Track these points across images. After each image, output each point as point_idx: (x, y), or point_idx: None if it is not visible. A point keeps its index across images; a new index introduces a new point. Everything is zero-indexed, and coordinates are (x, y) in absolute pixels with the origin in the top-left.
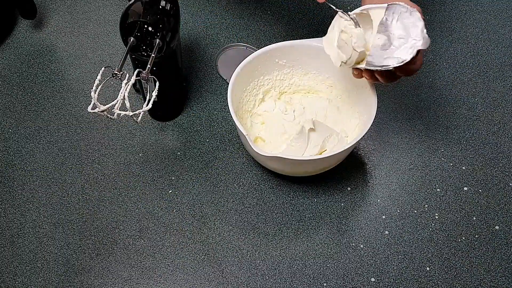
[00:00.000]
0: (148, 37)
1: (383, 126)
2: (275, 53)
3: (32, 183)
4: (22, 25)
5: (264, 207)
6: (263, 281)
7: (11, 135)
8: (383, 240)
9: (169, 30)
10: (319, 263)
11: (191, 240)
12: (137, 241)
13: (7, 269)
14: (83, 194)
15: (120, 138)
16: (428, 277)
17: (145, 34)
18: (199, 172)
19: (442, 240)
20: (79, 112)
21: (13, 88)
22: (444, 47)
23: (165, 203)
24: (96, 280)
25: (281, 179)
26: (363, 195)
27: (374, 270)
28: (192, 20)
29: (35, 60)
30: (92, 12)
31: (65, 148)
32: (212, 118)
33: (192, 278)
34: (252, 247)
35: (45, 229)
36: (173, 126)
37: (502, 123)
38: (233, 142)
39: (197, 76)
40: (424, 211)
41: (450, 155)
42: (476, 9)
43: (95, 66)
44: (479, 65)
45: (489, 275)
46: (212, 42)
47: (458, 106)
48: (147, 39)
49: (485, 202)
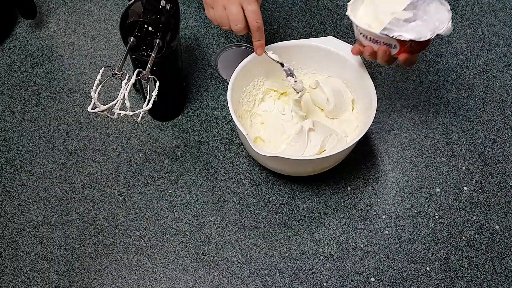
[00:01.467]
0: (148, 37)
1: (383, 126)
2: (275, 53)
3: (32, 183)
4: (22, 25)
5: (264, 207)
6: (263, 281)
7: (11, 135)
8: (383, 240)
9: (169, 30)
10: (319, 263)
11: (191, 240)
12: (137, 241)
13: (7, 269)
14: (83, 194)
15: (120, 138)
16: (428, 277)
17: (145, 34)
18: (199, 172)
19: (442, 240)
20: (79, 112)
21: (13, 88)
22: (444, 47)
23: (165, 203)
24: (96, 280)
25: (281, 179)
26: (363, 195)
27: (374, 270)
28: (192, 20)
29: (35, 60)
30: (92, 12)
31: (65, 148)
32: (212, 118)
33: (192, 278)
34: (252, 247)
35: (45, 229)
36: (173, 126)
37: (502, 123)
38: (233, 142)
39: (197, 76)
40: (424, 211)
41: (450, 155)
42: (476, 9)
43: (95, 66)
44: (479, 65)
45: (489, 275)
46: (212, 42)
47: (458, 106)
48: (147, 39)
49: (485, 202)
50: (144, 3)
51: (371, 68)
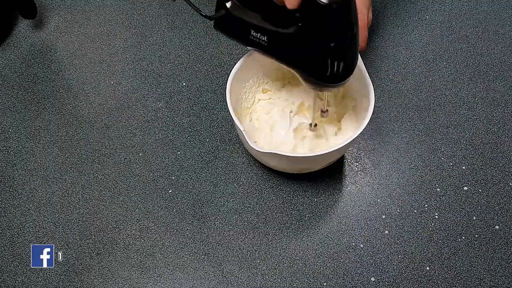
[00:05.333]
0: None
1: (383, 126)
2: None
3: (32, 183)
4: (22, 25)
5: (264, 207)
6: (263, 281)
7: (11, 135)
8: (383, 239)
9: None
10: (319, 263)
11: (191, 240)
12: (137, 241)
13: (7, 269)
14: (83, 194)
15: (120, 138)
16: (428, 277)
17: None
18: (199, 172)
19: (442, 240)
20: (79, 112)
21: (13, 88)
22: (444, 47)
23: (165, 203)
24: (96, 280)
25: (281, 179)
26: (363, 195)
27: (374, 270)
28: (192, 20)
29: (35, 60)
30: (92, 12)
31: (65, 148)
32: (212, 118)
33: (192, 278)
34: (252, 247)
35: (45, 229)
36: (173, 126)
37: (502, 123)
38: (233, 142)
39: (196, 76)
40: (424, 211)
41: (450, 155)
42: (476, 9)
43: (95, 66)
44: (479, 65)
45: (489, 275)
46: (212, 41)
47: (458, 106)
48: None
49: (485, 202)
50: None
51: (371, 68)
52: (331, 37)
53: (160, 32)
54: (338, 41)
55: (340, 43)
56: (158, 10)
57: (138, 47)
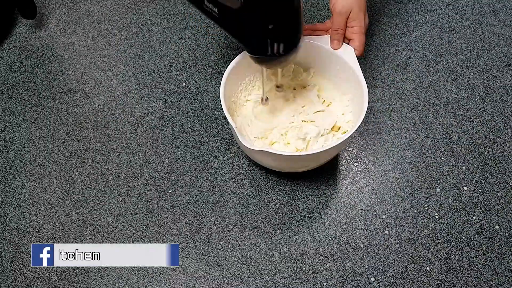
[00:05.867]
0: None
1: (383, 126)
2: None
3: (32, 183)
4: (22, 25)
5: (264, 207)
6: (263, 281)
7: (11, 135)
8: (383, 239)
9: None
10: (319, 263)
11: (191, 240)
12: (137, 241)
13: (7, 268)
14: (83, 194)
15: (120, 138)
16: (428, 277)
17: None
18: (199, 172)
19: (442, 240)
20: (79, 112)
21: (13, 88)
22: (444, 47)
23: (165, 203)
24: (96, 280)
25: (281, 179)
26: (363, 195)
27: (374, 270)
28: (192, 20)
29: (35, 60)
30: (92, 12)
31: (65, 148)
32: (212, 118)
33: (192, 278)
34: (252, 247)
35: (45, 229)
36: (173, 126)
37: (502, 123)
38: (233, 142)
39: (196, 76)
40: (424, 211)
41: (450, 155)
42: (476, 9)
43: (95, 66)
44: (479, 65)
45: (489, 275)
46: (212, 41)
47: (458, 106)
48: None
49: (485, 202)
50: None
51: (371, 68)
52: (270, 19)
53: (160, 32)
54: (277, 23)
55: (279, 25)
56: (158, 10)
57: (138, 47)
